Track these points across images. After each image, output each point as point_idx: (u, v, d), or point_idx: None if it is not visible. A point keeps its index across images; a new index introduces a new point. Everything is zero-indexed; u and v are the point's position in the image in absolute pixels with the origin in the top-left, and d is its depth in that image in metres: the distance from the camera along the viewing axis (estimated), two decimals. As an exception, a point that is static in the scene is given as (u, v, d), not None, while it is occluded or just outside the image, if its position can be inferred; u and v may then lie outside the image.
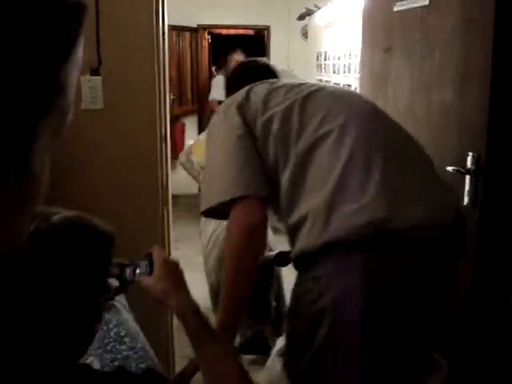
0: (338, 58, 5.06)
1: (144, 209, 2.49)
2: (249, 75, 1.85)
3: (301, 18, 6.68)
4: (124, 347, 1.57)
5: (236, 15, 7.11)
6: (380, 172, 1.43)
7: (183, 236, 4.61)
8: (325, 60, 5.56)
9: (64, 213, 0.94)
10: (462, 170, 1.85)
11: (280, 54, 6.76)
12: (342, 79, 4.83)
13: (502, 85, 1.72)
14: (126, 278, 1.21)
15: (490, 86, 1.73)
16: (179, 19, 6.21)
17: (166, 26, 2.63)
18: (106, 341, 1.59)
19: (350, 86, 4.61)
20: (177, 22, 6.27)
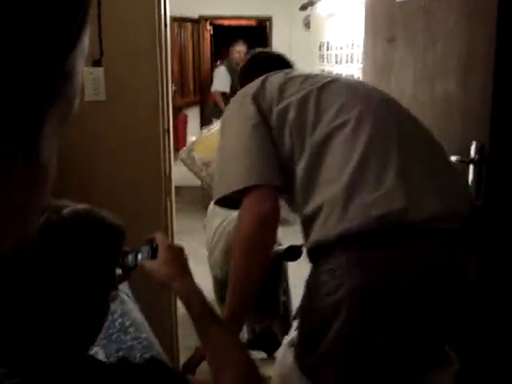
0: (341, 48, 5.05)
1: (147, 200, 2.49)
2: (263, 66, 1.84)
3: (303, 8, 6.66)
4: (129, 337, 1.57)
5: (238, 6, 7.09)
6: (397, 163, 1.43)
7: (186, 228, 4.62)
8: (327, 50, 5.55)
9: (74, 206, 0.94)
10: (465, 159, 1.85)
11: (282, 44, 6.74)
12: (344, 69, 4.82)
13: (505, 74, 1.72)
14: (128, 264, 1.21)
15: (493, 75, 1.72)
16: (181, 10, 6.20)
17: (168, 17, 2.62)
18: (110, 331, 1.60)
19: (352, 76, 4.60)
20: (178, 13, 6.26)
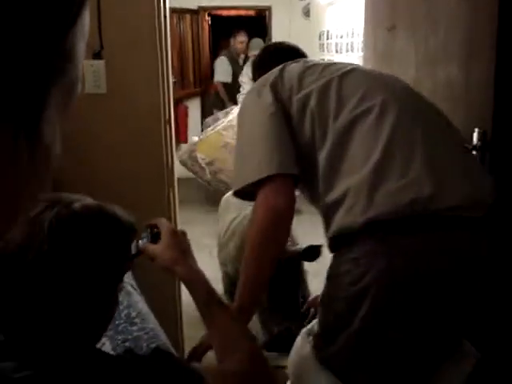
0: (341, 37, 5.03)
1: (150, 192, 2.49)
2: (278, 58, 1.81)
3: (302, -4, 6.63)
4: (135, 328, 1.58)
5: (237, -4, 7.06)
6: (423, 149, 1.42)
7: (188, 219, 4.62)
8: (327, 39, 5.53)
9: (85, 200, 0.95)
10: (468, 146, 1.85)
11: (282, 34, 6.70)
12: (344, 58, 4.80)
13: (507, 60, 1.71)
14: (130, 252, 1.22)
15: (495, 61, 1.72)
16: (180, 1, 6.17)
17: (168, 8, 2.61)
18: (116, 322, 1.61)
19: (353, 64, 4.58)
20: (177, 4, 6.23)
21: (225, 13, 7.58)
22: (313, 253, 2.71)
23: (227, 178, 4.92)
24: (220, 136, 5.05)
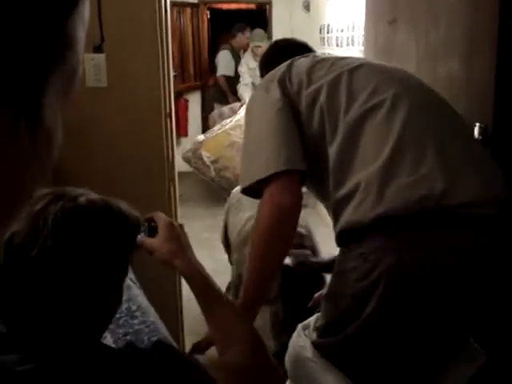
0: (341, 31, 5.01)
1: (150, 186, 2.49)
2: (287, 53, 1.79)
3: (303, -10, 6.61)
4: (136, 321, 1.59)
5: (237, -11, 7.03)
6: (434, 144, 1.40)
7: (188, 213, 4.62)
8: (328, 33, 5.51)
9: (89, 194, 0.95)
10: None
11: (282, 28, 6.69)
12: (345, 52, 4.79)
13: (508, 55, 1.71)
14: (134, 246, 1.22)
15: (496, 56, 1.72)
16: (180, -6, 6.15)
17: (168, 1, 2.61)
18: (117, 315, 1.61)
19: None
20: (178, -2, 6.21)
21: (225, 6, 7.55)
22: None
23: (232, 175, 4.92)
24: (227, 135, 5.04)
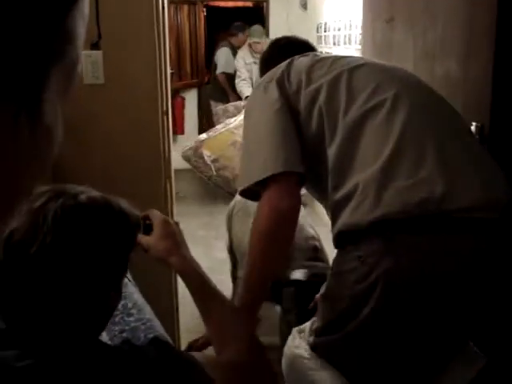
0: (339, 30, 5.02)
1: (147, 183, 2.49)
2: (288, 52, 1.76)
3: (300, -12, 6.60)
4: (132, 319, 1.59)
5: (234, -13, 7.01)
6: (435, 146, 1.38)
7: (184, 211, 4.62)
8: (325, 31, 5.51)
9: (90, 192, 0.95)
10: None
11: (279, 26, 6.67)
12: (342, 51, 4.79)
13: (506, 54, 1.71)
14: (134, 244, 1.22)
15: (493, 56, 1.72)
16: (177, -8, 6.13)
17: (166, -1, 2.61)
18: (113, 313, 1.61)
19: (350, 57, 4.57)
20: (175, -5, 6.20)
21: (222, 4, 7.54)
22: None
23: (230, 174, 4.91)
24: (231, 134, 5.02)
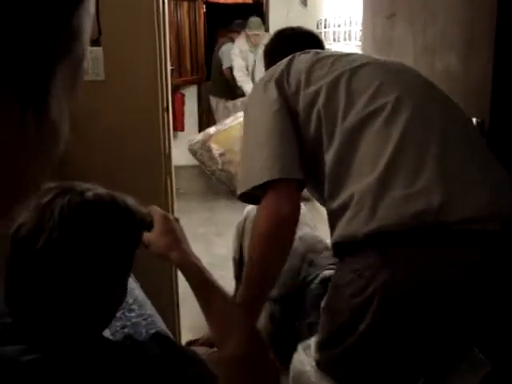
0: (338, 26, 5.01)
1: (147, 180, 2.49)
2: (293, 44, 1.71)
3: (300, -15, 6.59)
4: (133, 314, 1.59)
5: (234, -17, 6.99)
6: (436, 154, 1.32)
7: (184, 207, 4.62)
8: (325, 28, 5.51)
9: (97, 189, 0.95)
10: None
11: (279, 22, 6.65)
12: (342, 47, 4.79)
13: (506, 50, 1.71)
14: (140, 242, 1.22)
15: (494, 51, 1.72)
16: (177, -12, 6.12)
17: (166, -6, 2.60)
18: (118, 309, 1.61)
19: (350, 54, 4.57)
20: (175, -9, 6.18)
21: (222, 0, 7.52)
22: None
23: (235, 169, 4.90)
24: (241, 128, 5.00)
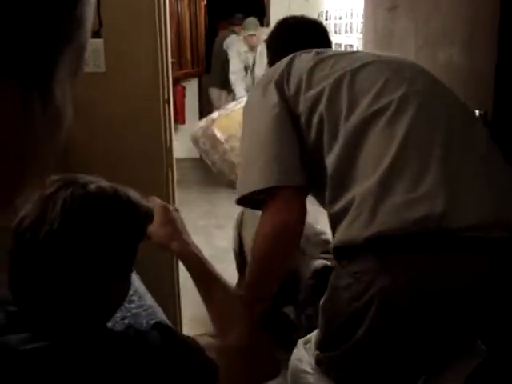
0: (340, 18, 5.00)
1: (148, 172, 2.49)
2: (296, 35, 1.65)
3: (301, -23, 6.56)
4: (133, 305, 1.59)
5: (235, -25, 6.96)
6: (440, 156, 1.28)
7: (184, 200, 4.61)
8: (326, 20, 5.49)
9: (100, 182, 0.95)
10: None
11: (281, 15, 6.60)
12: (343, 39, 4.78)
13: (509, 41, 1.71)
14: (144, 235, 1.22)
15: (497, 42, 1.71)
16: (178, -20, 6.09)
17: (167, -14, 2.59)
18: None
19: (351, 46, 4.57)
20: (175, -17, 6.16)
21: (223, -8, 7.49)
22: None
23: (237, 159, 4.87)
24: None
